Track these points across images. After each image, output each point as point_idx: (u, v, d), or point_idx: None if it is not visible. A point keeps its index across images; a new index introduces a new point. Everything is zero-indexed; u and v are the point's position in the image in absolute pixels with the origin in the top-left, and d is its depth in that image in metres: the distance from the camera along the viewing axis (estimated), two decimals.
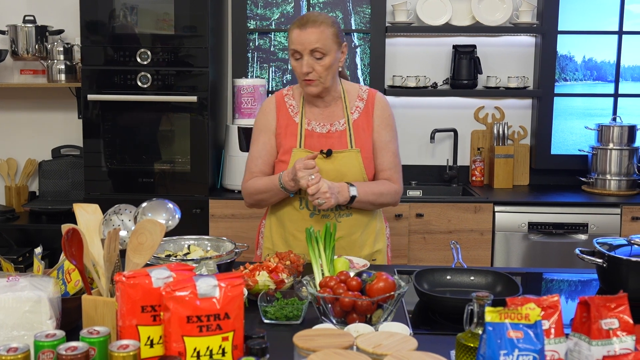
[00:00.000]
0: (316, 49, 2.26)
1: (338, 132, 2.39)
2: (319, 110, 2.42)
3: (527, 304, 1.24)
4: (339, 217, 2.38)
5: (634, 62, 4.12)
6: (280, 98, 2.46)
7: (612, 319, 1.32)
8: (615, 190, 3.88)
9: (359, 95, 2.44)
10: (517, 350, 1.21)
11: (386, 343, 1.37)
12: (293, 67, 2.34)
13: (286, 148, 2.39)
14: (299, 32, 2.27)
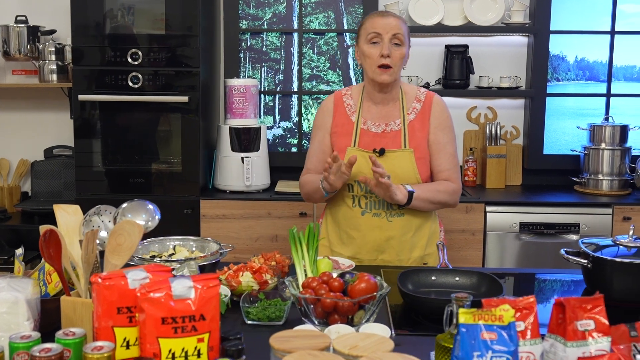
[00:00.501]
0: (396, 34, 2.34)
1: (393, 132, 2.42)
2: (376, 109, 2.46)
3: (502, 306, 1.24)
4: (391, 216, 2.40)
5: (627, 62, 4.12)
6: (338, 97, 2.52)
7: (588, 320, 1.32)
8: (607, 190, 3.88)
9: (416, 96, 2.47)
10: (490, 352, 1.21)
11: (362, 344, 1.37)
12: (368, 54, 2.36)
13: (341, 147, 2.44)
14: (380, 18, 2.36)
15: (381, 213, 2.40)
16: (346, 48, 4.13)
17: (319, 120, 2.53)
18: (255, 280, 1.98)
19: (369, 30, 2.37)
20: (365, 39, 2.38)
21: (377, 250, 2.43)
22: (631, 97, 4.13)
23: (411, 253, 2.44)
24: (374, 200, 2.40)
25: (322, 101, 2.56)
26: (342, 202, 2.45)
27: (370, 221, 2.40)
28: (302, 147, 4.20)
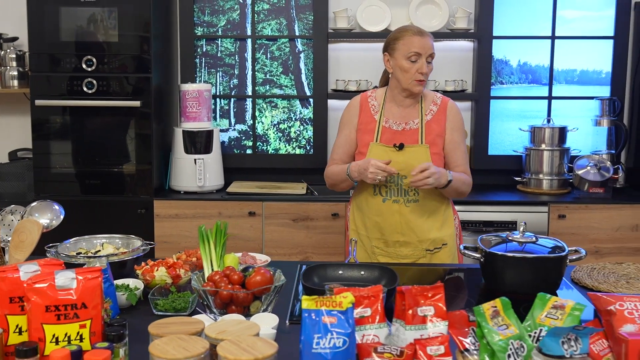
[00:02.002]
0: (432, 54, 2.66)
1: (411, 130, 2.73)
2: (397, 110, 2.76)
3: (342, 293, 1.40)
4: (407, 202, 2.71)
5: (567, 65, 4.27)
6: (364, 98, 2.83)
7: (429, 307, 1.48)
8: (547, 189, 4.04)
9: (433, 100, 2.78)
10: (329, 334, 1.36)
11: (231, 330, 1.52)
12: (406, 69, 2.65)
13: (365, 142, 2.75)
14: (420, 39, 2.65)
15: (399, 199, 2.70)
16: (298, 53, 4.28)
17: (346, 117, 2.83)
18: (168, 274, 2.13)
19: (409, 48, 2.64)
20: (404, 55, 2.65)
21: (399, 233, 2.71)
22: (571, 100, 4.29)
23: (428, 234, 2.72)
24: (393, 189, 2.70)
25: (350, 100, 2.86)
26: (366, 192, 2.76)
27: (391, 207, 2.71)
28: (257, 149, 4.35)
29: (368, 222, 2.77)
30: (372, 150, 2.71)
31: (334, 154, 2.84)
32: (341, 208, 3.83)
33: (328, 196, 3.95)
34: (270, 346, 1.41)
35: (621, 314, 1.58)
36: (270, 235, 3.86)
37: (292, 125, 4.34)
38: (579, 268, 2.44)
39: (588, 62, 4.27)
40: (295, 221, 3.85)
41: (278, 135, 4.35)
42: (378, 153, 2.70)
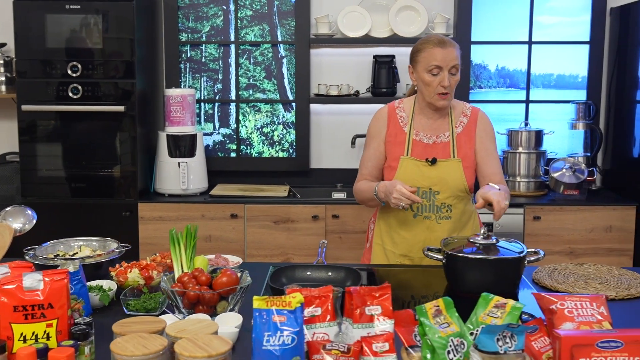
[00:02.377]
0: (455, 65, 2.53)
1: (442, 143, 2.64)
2: (427, 122, 2.66)
3: (292, 294, 1.48)
4: (439, 219, 2.62)
5: (544, 70, 4.36)
6: (392, 109, 2.71)
7: (377, 306, 1.56)
8: (524, 192, 4.13)
9: (463, 111, 2.69)
10: (279, 332, 1.45)
11: (191, 328, 1.61)
12: (427, 82, 2.54)
13: (395, 155, 2.64)
14: (441, 50, 2.52)
15: (431, 216, 2.63)
16: (280, 59, 4.37)
17: (374, 129, 2.72)
18: (141, 276, 2.22)
19: (430, 61, 2.52)
20: (425, 68, 2.54)
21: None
22: (548, 104, 4.38)
23: None
24: (425, 205, 2.63)
25: (376, 111, 2.74)
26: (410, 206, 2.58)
27: (422, 223, 2.63)
28: (241, 152, 4.44)
29: (396, 237, 2.68)
30: (403, 165, 2.62)
31: (363, 168, 2.73)
32: (321, 210, 3.92)
33: (309, 199, 4.04)
34: (225, 343, 1.50)
35: (561, 313, 1.67)
36: (252, 237, 3.94)
37: (275, 129, 4.42)
38: (541, 269, 2.52)
39: (564, 66, 4.36)
40: (276, 223, 3.93)
41: (261, 139, 4.43)
42: (409, 167, 2.61)
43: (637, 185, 3.93)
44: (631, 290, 2.26)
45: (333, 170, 4.46)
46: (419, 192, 2.60)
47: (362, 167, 2.74)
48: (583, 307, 1.68)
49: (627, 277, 2.41)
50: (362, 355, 1.50)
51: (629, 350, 1.46)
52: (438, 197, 2.60)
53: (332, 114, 4.45)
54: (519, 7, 4.31)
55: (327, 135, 4.48)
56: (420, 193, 2.60)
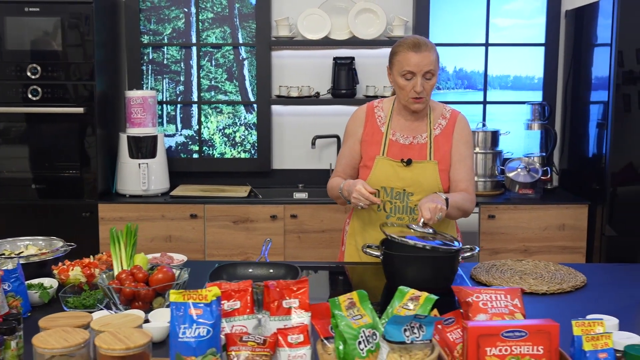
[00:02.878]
0: (429, 70, 2.50)
1: (419, 145, 2.63)
2: (405, 123, 2.65)
3: (209, 287, 1.53)
4: (413, 220, 2.58)
5: (501, 71, 4.45)
6: (370, 108, 2.71)
7: (294, 299, 1.62)
8: (482, 191, 4.20)
9: (442, 114, 2.68)
10: (195, 324, 1.50)
11: (115, 323, 1.65)
12: (402, 87, 2.53)
13: (370, 155, 2.64)
14: (415, 55, 2.48)
15: (404, 217, 2.61)
16: (242, 61, 4.42)
17: (350, 127, 2.73)
18: (82, 273, 2.26)
19: (403, 66, 2.50)
20: (398, 72, 2.53)
21: None
22: (505, 105, 4.47)
23: None
24: (398, 206, 2.62)
25: (355, 110, 2.76)
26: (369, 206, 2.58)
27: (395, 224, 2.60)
28: (203, 153, 4.48)
29: (368, 238, 2.66)
30: (378, 164, 2.62)
31: (337, 166, 2.75)
32: (279, 210, 3.97)
33: (268, 199, 4.09)
34: (144, 336, 1.54)
35: (477, 305, 1.73)
36: (212, 237, 3.98)
37: (237, 130, 4.47)
38: (480, 265, 2.59)
39: (521, 68, 4.44)
40: (235, 223, 3.98)
41: (223, 140, 4.48)
42: (384, 167, 2.61)
43: (591, 185, 4.02)
44: (563, 285, 2.33)
45: (295, 171, 4.52)
46: (393, 192, 2.61)
47: (336, 165, 2.77)
48: (498, 299, 1.74)
49: (562, 273, 2.48)
50: (277, 347, 1.55)
51: (532, 339, 1.52)
52: (412, 199, 2.60)
53: (293, 115, 4.51)
54: (476, 10, 4.39)
55: (289, 136, 4.53)
56: (394, 194, 2.61)
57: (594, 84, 3.99)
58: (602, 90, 3.85)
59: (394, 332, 1.49)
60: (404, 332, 1.49)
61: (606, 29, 3.80)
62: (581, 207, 3.98)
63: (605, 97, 3.81)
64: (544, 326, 1.54)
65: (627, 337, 1.61)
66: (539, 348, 1.53)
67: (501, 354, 1.52)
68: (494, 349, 1.52)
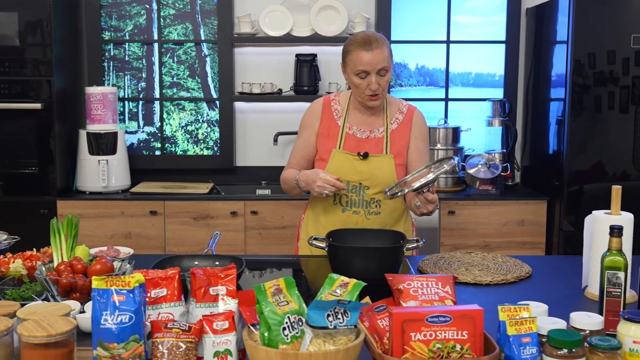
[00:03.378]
0: (383, 67, 2.49)
1: (376, 139, 2.63)
2: (362, 117, 2.65)
3: (133, 274, 1.52)
4: (369, 214, 2.61)
5: (462, 69, 4.47)
6: (327, 102, 2.70)
7: (222, 287, 1.61)
8: (443, 187, 4.22)
9: (399, 108, 2.68)
10: (117, 311, 1.49)
11: (41, 311, 1.63)
12: (357, 85, 2.52)
13: (327, 148, 2.63)
14: (367, 54, 2.46)
15: (360, 211, 2.62)
16: (204, 57, 4.41)
17: (306, 120, 2.71)
18: (23, 266, 2.23)
19: (356, 65, 2.48)
20: (352, 71, 2.51)
21: None
22: (467, 102, 4.49)
23: None
24: (354, 199, 2.62)
25: (311, 103, 2.74)
26: (325, 200, 2.63)
27: (350, 218, 2.62)
28: (165, 150, 4.46)
29: (323, 232, 2.58)
30: (335, 158, 2.61)
31: (292, 158, 2.74)
32: (240, 207, 3.96)
33: (229, 195, 4.08)
34: (68, 323, 1.53)
35: (407, 292, 1.73)
36: (172, 233, 3.97)
37: (200, 127, 4.46)
38: (429, 257, 2.59)
39: (482, 65, 4.47)
40: (196, 219, 3.96)
41: (186, 137, 4.46)
42: (341, 161, 2.61)
43: (551, 181, 4.05)
44: (507, 276, 2.34)
45: (258, 168, 4.52)
46: (349, 186, 2.61)
47: (291, 157, 2.75)
48: (429, 286, 1.75)
49: (509, 264, 2.50)
50: (203, 334, 1.54)
51: (457, 324, 1.53)
52: (367, 192, 2.61)
53: (256, 112, 4.50)
54: (437, 7, 4.41)
55: (252, 133, 4.52)
56: (350, 187, 2.60)
57: (553, 81, 4.02)
58: (561, 88, 3.88)
59: (316, 318, 1.48)
60: (327, 318, 1.49)
61: (564, 27, 3.84)
62: (540, 202, 4.01)
63: (563, 95, 3.84)
64: (468, 311, 1.54)
65: (553, 322, 1.61)
66: (464, 333, 1.53)
67: (426, 339, 1.52)
68: (419, 334, 1.52)
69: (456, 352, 1.52)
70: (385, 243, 2.42)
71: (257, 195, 4.23)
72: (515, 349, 1.51)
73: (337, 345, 1.49)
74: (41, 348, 1.50)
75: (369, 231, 2.49)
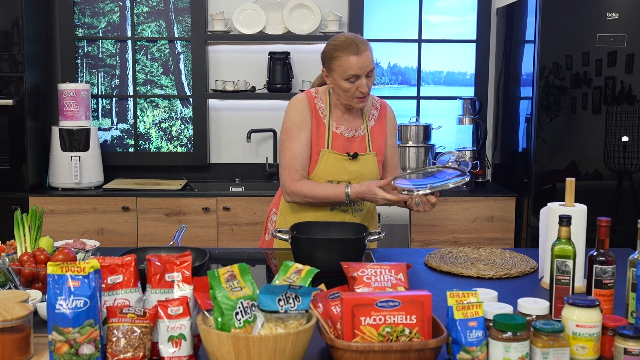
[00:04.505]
0: (371, 69, 2.51)
1: (360, 137, 2.66)
2: (342, 116, 2.64)
3: (87, 260, 1.55)
4: (354, 212, 2.67)
5: (434, 67, 4.53)
6: (311, 99, 2.63)
7: (177, 273, 1.64)
8: None
9: (373, 104, 2.71)
10: (72, 296, 1.52)
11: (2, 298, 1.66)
12: (346, 89, 2.50)
13: (316, 148, 2.61)
14: (357, 59, 2.46)
15: (347, 209, 2.66)
16: (177, 55, 4.43)
17: (299, 118, 2.59)
18: None
19: (347, 71, 2.47)
20: (341, 76, 2.49)
21: None
22: (438, 100, 4.55)
23: None
24: None
25: (294, 98, 2.64)
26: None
27: (338, 216, 2.65)
28: (139, 147, 4.48)
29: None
30: (324, 158, 2.60)
31: (296, 164, 2.59)
32: (212, 203, 3.98)
33: (201, 192, 4.11)
34: (25, 309, 1.56)
35: (361, 279, 1.78)
36: (145, 229, 3.99)
37: (174, 124, 4.48)
38: (436, 252, 2.58)
39: (453, 64, 4.53)
40: (168, 215, 3.99)
41: (160, 134, 4.48)
42: (330, 161, 2.60)
43: (520, 178, 4.11)
44: (511, 271, 2.35)
45: (231, 165, 4.54)
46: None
47: (294, 163, 2.59)
48: (382, 274, 1.79)
49: (515, 260, 2.48)
50: (157, 319, 1.57)
51: (406, 309, 1.57)
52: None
53: (229, 110, 4.53)
54: (409, 6, 4.47)
55: (225, 130, 4.55)
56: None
57: (522, 80, 4.09)
58: (529, 87, 3.94)
59: (267, 302, 1.52)
60: (278, 302, 1.53)
61: (532, 27, 3.90)
62: (509, 199, 4.08)
63: (531, 94, 3.90)
64: (417, 296, 1.59)
65: (500, 307, 1.66)
66: (412, 317, 1.58)
67: (376, 324, 1.56)
68: (369, 319, 1.56)
69: (405, 335, 1.56)
70: (348, 235, 2.46)
71: (229, 192, 4.26)
72: (462, 333, 1.55)
73: (288, 329, 1.53)
74: None
75: (332, 224, 2.53)
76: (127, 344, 1.54)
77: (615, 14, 3.76)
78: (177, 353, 1.56)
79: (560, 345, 1.54)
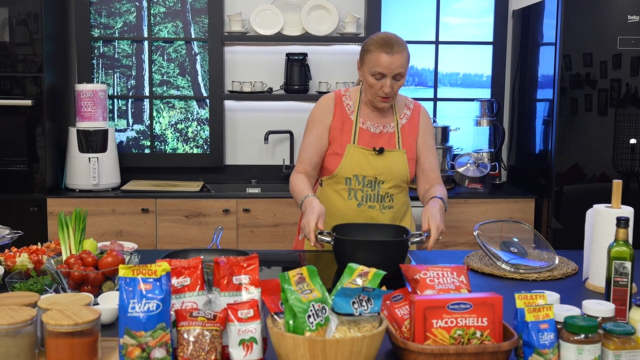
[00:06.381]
0: (400, 72, 2.49)
1: (388, 134, 2.65)
2: (372, 113, 2.66)
3: (159, 263, 1.53)
4: (383, 208, 2.65)
5: (451, 69, 4.53)
6: (339, 97, 2.68)
7: (245, 276, 1.63)
8: None
9: (406, 104, 2.71)
10: (144, 299, 1.50)
11: (63, 301, 1.64)
12: (371, 85, 2.52)
13: (341, 143, 2.63)
14: (387, 57, 2.45)
15: (375, 206, 2.65)
16: (194, 55, 4.41)
17: (317, 116, 2.67)
18: (30, 260, 2.22)
19: (374, 66, 2.48)
20: (369, 70, 2.51)
21: None
22: (455, 102, 4.55)
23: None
24: (369, 194, 2.64)
25: (321, 97, 2.71)
26: (337, 195, 2.66)
27: (366, 212, 2.64)
28: (155, 149, 4.45)
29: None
30: (350, 152, 2.62)
31: (303, 154, 2.67)
32: (232, 204, 3.96)
33: (221, 193, 4.09)
34: (93, 313, 1.54)
35: (424, 282, 1.77)
36: (164, 231, 3.96)
37: (190, 125, 4.45)
38: (474, 254, 2.58)
39: (470, 66, 4.54)
40: (188, 217, 3.96)
41: (176, 135, 4.46)
42: (356, 155, 2.62)
43: (537, 180, 4.12)
44: (553, 273, 2.35)
45: (248, 167, 4.53)
46: (365, 180, 2.62)
47: (301, 154, 2.68)
48: (444, 276, 1.78)
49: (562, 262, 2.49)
50: (228, 322, 1.56)
51: (477, 311, 1.57)
52: (382, 187, 2.63)
53: (246, 111, 4.51)
54: (426, 8, 4.47)
55: (242, 131, 4.53)
56: (365, 182, 2.63)
57: (540, 82, 4.10)
58: (548, 89, 3.95)
59: (342, 305, 1.51)
60: (353, 305, 1.52)
61: (551, 29, 3.91)
62: (528, 201, 4.08)
63: (551, 96, 3.91)
64: (488, 298, 1.58)
65: (567, 309, 1.66)
66: (484, 320, 1.57)
67: (447, 326, 1.56)
68: (441, 321, 1.56)
69: (476, 338, 1.56)
70: (388, 237, 2.45)
71: (249, 193, 4.24)
72: (534, 335, 1.55)
73: (361, 332, 1.52)
74: (67, 337, 1.50)
75: (371, 226, 2.52)
76: (199, 348, 1.52)
77: (636, 17, 3.78)
78: (249, 356, 1.54)
79: (632, 347, 1.54)
